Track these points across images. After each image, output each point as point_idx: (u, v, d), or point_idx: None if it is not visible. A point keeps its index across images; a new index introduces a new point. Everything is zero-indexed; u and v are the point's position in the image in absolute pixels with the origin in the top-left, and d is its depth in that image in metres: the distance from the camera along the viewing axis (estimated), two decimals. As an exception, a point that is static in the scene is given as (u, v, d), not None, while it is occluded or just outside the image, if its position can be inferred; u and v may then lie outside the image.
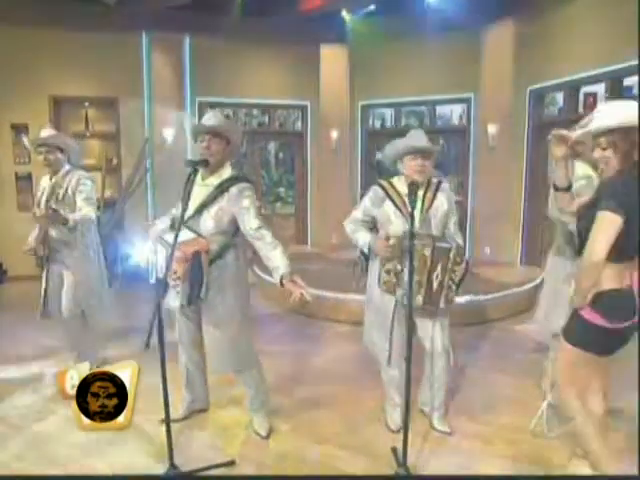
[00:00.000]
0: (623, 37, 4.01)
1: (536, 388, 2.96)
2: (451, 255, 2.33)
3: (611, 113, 1.80)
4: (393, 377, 2.65)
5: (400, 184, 2.53)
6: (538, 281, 4.84)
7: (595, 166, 2.51)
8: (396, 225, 2.47)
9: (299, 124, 7.29)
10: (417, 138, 2.47)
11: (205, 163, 2.27)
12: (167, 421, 2.03)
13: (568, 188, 2.05)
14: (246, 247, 2.43)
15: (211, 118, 2.39)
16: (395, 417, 2.68)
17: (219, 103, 6.83)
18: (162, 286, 1.91)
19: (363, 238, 2.55)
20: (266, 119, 7.23)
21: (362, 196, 7.00)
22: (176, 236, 1.99)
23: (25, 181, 6.14)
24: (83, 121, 6.36)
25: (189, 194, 2.15)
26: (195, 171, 2.21)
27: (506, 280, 4.94)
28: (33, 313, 3.26)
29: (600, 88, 4.74)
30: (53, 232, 3.01)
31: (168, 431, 2.05)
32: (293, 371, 3.44)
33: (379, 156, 8.00)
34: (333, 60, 6.70)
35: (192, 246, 2.09)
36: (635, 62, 3.85)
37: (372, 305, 2.64)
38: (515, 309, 4.66)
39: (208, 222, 2.29)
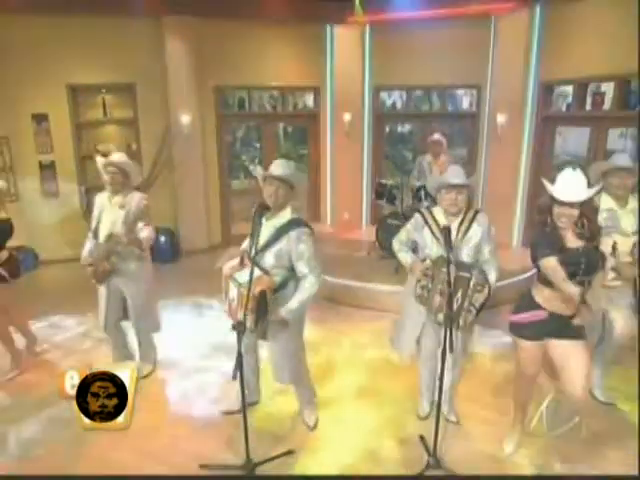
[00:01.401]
0: (633, 40, 4.19)
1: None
2: (471, 284, 2.62)
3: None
4: (422, 373, 3.15)
5: (438, 214, 2.86)
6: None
7: (618, 201, 2.99)
8: (431, 250, 2.81)
9: (310, 102, 7.44)
10: (453, 175, 2.77)
11: (266, 208, 2.61)
12: (245, 432, 2.50)
13: None
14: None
15: (280, 167, 2.64)
16: (424, 406, 3.20)
17: (233, 87, 6.93)
18: (243, 330, 2.31)
19: (404, 258, 2.95)
20: (280, 99, 7.34)
21: (373, 178, 7.23)
22: (251, 275, 2.37)
23: (49, 170, 6.34)
24: (101, 108, 6.47)
25: (258, 235, 2.51)
26: (261, 215, 2.56)
27: (510, 266, 5.31)
28: (69, 299, 4.02)
29: (609, 88, 4.93)
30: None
31: (246, 435, 2.52)
32: (327, 361, 3.89)
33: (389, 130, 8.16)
34: (347, 42, 6.73)
35: (259, 285, 2.44)
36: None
37: (409, 309, 2.98)
38: (516, 293, 5.10)
39: (271, 259, 2.63)
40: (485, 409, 3.27)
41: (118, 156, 3.40)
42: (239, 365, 2.30)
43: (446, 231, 2.59)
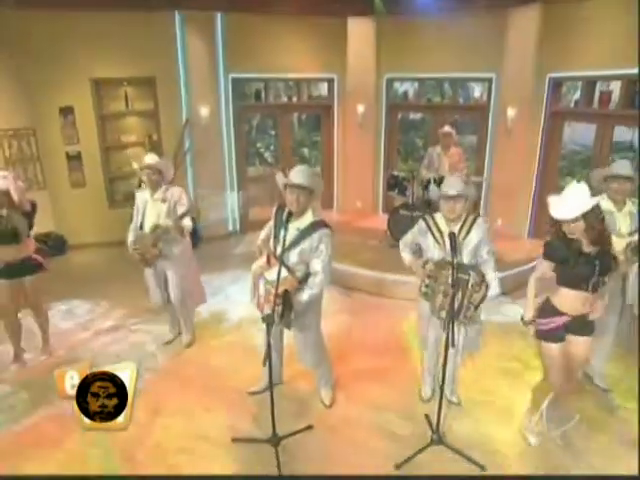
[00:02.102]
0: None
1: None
2: (469, 285, 2.91)
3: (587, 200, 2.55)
4: (426, 361, 3.48)
5: (441, 220, 3.12)
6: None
7: (616, 204, 3.23)
8: (434, 253, 3.10)
9: (324, 91, 7.64)
10: (449, 186, 3.02)
11: (290, 214, 2.89)
12: (272, 410, 2.85)
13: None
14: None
15: (300, 176, 2.89)
16: (426, 390, 3.54)
17: (251, 78, 7.13)
18: (272, 322, 2.64)
19: (405, 258, 3.26)
20: (295, 88, 7.56)
21: (385, 167, 7.45)
22: (278, 274, 2.69)
23: (76, 160, 6.66)
24: (123, 100, 6.73)
25: (284, 239, 2.80)
26: (287, 219, 2.84)
27: (514, 257, 5.56)
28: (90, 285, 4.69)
29: (616, 86, 5.06)
30: None
31: (272, 412, 2.88)
32: (341, 345, 4.20)
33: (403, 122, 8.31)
34: (360, 34, 6.87)
35: (284, 285, 2.77)
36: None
37: (420, 303, 3.28)
38: (519, 282, 5.36)
39: (294, 258, 2.93)
40: (485, 392, 3.61)
41: (150, 157, 3.84)
42: (268, 353, 2.64)
43: (452, 237, 2.86)
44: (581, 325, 2.75)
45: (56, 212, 6.68)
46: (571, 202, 2.53)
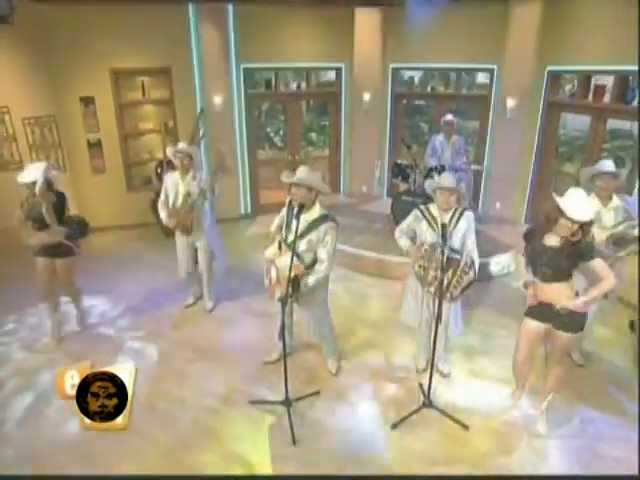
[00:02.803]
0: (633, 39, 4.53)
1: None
2: (460, 265, 3.26)
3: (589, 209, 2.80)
4: (420, 337, 3.89)
5: (434, 210, 3.50)
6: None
7: (602, 200, 3.59)
8: (428, 238, 3.47)
9: (332, 79, 7.89)
10: (445, 180, 3.39)
11: (301, 206, 3.24)
12: (285, 377, 3.29)
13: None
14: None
15: (304, 174, 3.26)
16: (421, 361, 3.97)
17: (261, 68, 7.39)
18: (285, 302, 3.05)
19: (403, 244, 3.64)
20: (304, 75, 7.83)
21: (390, 155, 7.74)
22: (291, 261, 3.08)
23: (96, 148, 7.02)
24: (140, 89, 7.04)
25: (297, 228, 3.16)
26: (298, 212, 3.18)
27: (510, 241, 5.90)
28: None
29: (610, 81, 5.29)
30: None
31: (285, 379, 3.32)
32: (345, 322, 4.62)
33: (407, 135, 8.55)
34: (367, 24, 7.08)
35: (293, 270, 3.14)
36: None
37: (410, 285, 3.71)
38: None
39: (303, 246, 3.32)
40: (476, 365, 4.04)
41: (182, 144, 4.45)
42: (282, 329, 3.07)
43: (444, 228, 3.23)
44: (557, 317, 2.99)
45: (78, 196, 7.07)
46: (585, 205, 2.75)
